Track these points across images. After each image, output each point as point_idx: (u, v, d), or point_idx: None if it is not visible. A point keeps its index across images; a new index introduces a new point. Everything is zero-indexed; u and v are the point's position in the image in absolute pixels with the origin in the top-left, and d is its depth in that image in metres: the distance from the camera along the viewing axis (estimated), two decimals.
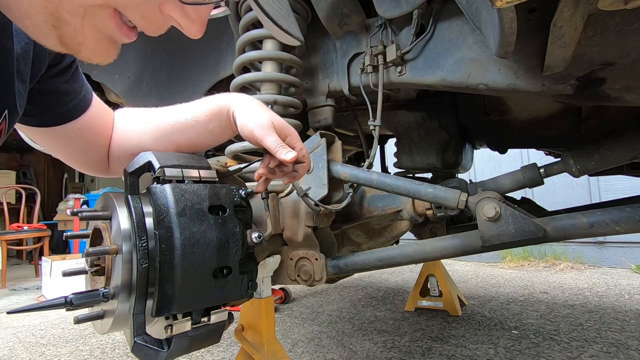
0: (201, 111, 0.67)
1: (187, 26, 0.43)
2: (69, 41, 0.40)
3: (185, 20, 0.42)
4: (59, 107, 0.61)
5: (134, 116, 0.73)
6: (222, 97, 0.67)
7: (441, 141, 1.42)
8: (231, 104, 0.65)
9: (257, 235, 0.63)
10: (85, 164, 0.72)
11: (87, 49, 0.41)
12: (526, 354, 1.48)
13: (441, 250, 0.86)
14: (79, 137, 0.66)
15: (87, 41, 0.40)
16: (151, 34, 0.44)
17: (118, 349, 1.81)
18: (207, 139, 0.69)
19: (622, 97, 0.69)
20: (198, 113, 0.67)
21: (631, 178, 1.42)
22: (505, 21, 0.54)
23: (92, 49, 0.41)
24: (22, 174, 7.25)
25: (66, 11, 0.38)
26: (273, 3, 0.46)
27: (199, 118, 0.66)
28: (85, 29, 0.39)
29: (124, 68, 1.41)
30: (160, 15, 0.42)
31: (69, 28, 0.39)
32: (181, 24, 0.43)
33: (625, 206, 0.71)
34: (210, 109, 0.66)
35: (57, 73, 0.59)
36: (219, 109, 0.66)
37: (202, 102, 0.68)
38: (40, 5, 0.37)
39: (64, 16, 0.38)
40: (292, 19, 0.54)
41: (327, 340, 1.74)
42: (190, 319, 0.57)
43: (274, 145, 0.61)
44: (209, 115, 0.66)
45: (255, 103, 0.66)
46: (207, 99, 0.69)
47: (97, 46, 0.41)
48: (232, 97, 0.67)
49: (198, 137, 0.68)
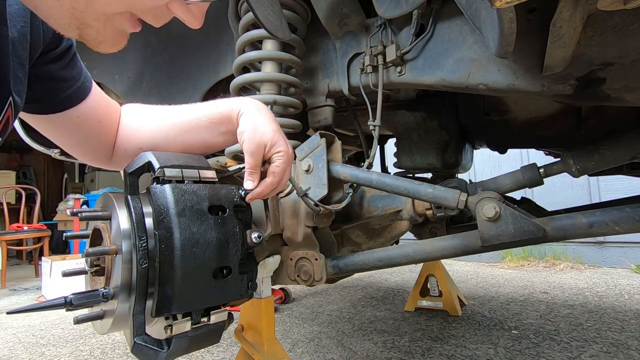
0: (214, 113, 0.67)
1: (190, 20, 0.47)
2: (89, 39, 0.44)
3: (189, 16, 0.47)
4: (57, 94, 0.61)
5: (146, 112, 0.73)
6: (235, 100, 0.68)
7: (441, 141, 1.42)
8: (240, 109, 0.66)
9: (256, 235, 0.63)
10: (87, 153, 0.72)
11: (105, 45, 0.46)
12: (526, 354, 1.48)
13: (441, 250, 0.86)
14: (79, 125, 0.66)
15: (106, 40, 0.45)
16: (157, 26, 0.48)
17: (118, 349, 1.81)
18: (218, 140, 0.70)
19: (621, 97, 0.69)
20: (212, 114, 0.68)
21: (631, 178, 1.42)
22: (505, 21, 0.54)
23: (109, 45, 0.46)
24: (22, 174, 7.24)
25: (91, 18, 0.42)
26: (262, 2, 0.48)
27: (213, 119, 0.67)
28: (106, 31, 0.44)
29: (124, 68, 1.41)
30: (168, 12, 0.46)
31: (91, 30, 0.43)
32: (185, 19, 0.47)
33: (625, 206, 0.71)
34: (222, 112, 0.67)
35: (53, 59, 0.59)
36: (230, 112, 0.67)
37: (215, 103, 0.69)
38: (67, 11, 0.40)
39: (88, 21, 0.42)
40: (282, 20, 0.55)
41: (327, 340, 1.74)
42: (190, 319, 0.57)
43: (247, 167, 0.65)
44: (222, 118, 0.67)
45: (262, 113, 0.67)
46: (221, 101, 0.69)
47: (113, 42, 0.46)
48: (243, 102, 0.68)
49: (211, 139, 0.69)
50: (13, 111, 0.52)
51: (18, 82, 0.52)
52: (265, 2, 0.48)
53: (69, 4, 0.40)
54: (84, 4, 0.40)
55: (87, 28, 0.42)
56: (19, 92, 0.52)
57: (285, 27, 0.55)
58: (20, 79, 0.52)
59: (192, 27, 0.49)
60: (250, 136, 0.63)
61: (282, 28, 0.53)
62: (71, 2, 0.40)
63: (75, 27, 0.42)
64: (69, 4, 0.40)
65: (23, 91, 0.54)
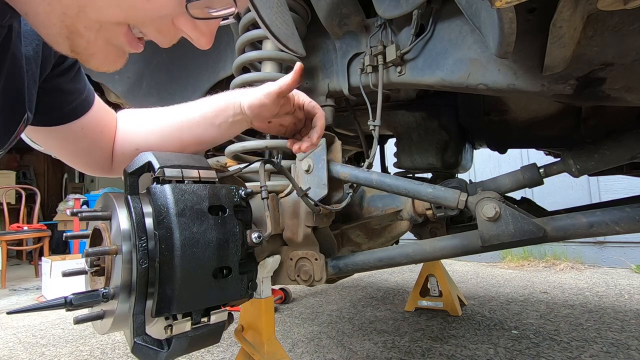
0: (207, 107, 0.68)
1: (197, 38, 0.45)
2: (80, 51, 0.42)
3: (196, 33, 0.45)
4: (62, 106, 0.62)
5: (140, 116, 0.74)
6: (231, 93, 0.69)
7: (441, 141, 1.42)
8: (241, 98, 0.67)
9: (257, 235, 0.63)
10: (89, 164, 0.73)
11: (96, 59, 0.43)
12: (526, 354, 1.48)
13: (441, 250, 0.86)
14: (82, 137, 0.66)
15: (98, 53, 0.43)
16: (164, 46, 0.46)
17: (118, 349, 1.81)
18: (212, 134, 0.69)
19: (621, 97, 0.69)
20: (204, 110, 0.68)
21: (631, 178, 1.42)
22: (505, 21, 0.54)
23: (101, 60, 0.44)
24: (22, 174, 7.24)
25: (82, 25, 0.39)
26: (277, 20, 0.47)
27: (206, 114, 0.67)
28: (98, 42, 0.41)
29: (123, 68, 1.39)
30: (173, 29, 0.44)
31: (82, 40, 0.40)
32: (192, 37, 0.45)
33: (625, 206, 0.71)
34: (217, 105, 0.67)
35: (60, 72, 0.60)
36: (226, 104, 0.67)
37: (209, 98, 0.69)
38: (57, 18, 0.38)
39: (79, 29, 0.40)
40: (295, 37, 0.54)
41: (327, 340, 1.74)
42: (190, 319, 0.57)
43: (285, 79, 0.61)
44: (216, 111, 0.67)
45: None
46: (216, 95, 0.70)
47: (106, 58, 0.44)
48: (241, 91, 0.68)
49: (204, 133, 0.69)
50: (24, 126, 0.52)
51: (31, 99, 0.52)
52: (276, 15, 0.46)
53: (60, 10, 0.38)
54: (76, 10, 0.38)
55: (78, 38, 0.40)
56: (31, 107, 0.53)
57: (297, 38, 0.54)
58: (33, 95, 0.53)
59: (201, 47, 0.46)
60: (262, 91, 0.63)
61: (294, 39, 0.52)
62: (62, 7, 0.38)
63: (66, 37, 0.40)
64: (60, 9, 0.38)
65: (33, 106, 0.54)
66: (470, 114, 1.39)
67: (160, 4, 0.41)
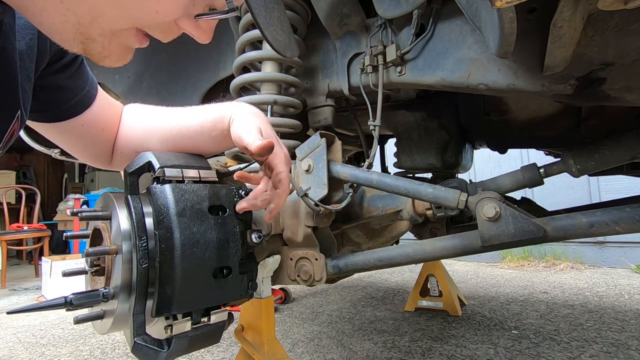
0: (206, 118, 0.67)
1: (199, 35, 0.48)
2: (94, 54, 0.44)
3: (198, 32, 0.47)
4: (62, 104, 0.61)
5: (142, 114, 0.73)
6: (226, 105, 0.68)
7: (441, 141, 1.42)
8: (232, 114, 0.65)
9: (257, 235, 0.63)
10: (91, 157, 0.73)
11: (110, 60, 0.45)
12: (526, 354, 1.48)
13: (441, 250, 0.86)
14: (84, 133, 0.66)
15: (112, 55, 0.45)
16: (165, 41, 0.48)
17: (118, 349, 1.81)
18: (209, 146, 0.69)
19: (622, 97, 0.69)
20: (203, 119, 0.67)
21: (631, 178, 1.42)
22: (505, 21, 0.54)
23: (114, 59, 0.46)
24: (22, 174, 7.24)
25: (96, 33, 0.41)
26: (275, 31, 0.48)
27: (204, 124, 0.67)
28: (112, 46, 0.44)
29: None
30: (176, 28, 0.46)
31: (96, 45, 0.42)
32: (193, 34, 0.47)
33: (625, 206, 0.71)
34: (214, 117, 0.66)
35: (59, 69, 0.59)
36: (221, 118, 0.66)
37: (207, 108, 0.69)
38: (72, 26, 0.40)
39: (93, 36, 0.41)
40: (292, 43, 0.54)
41: (327, 340, 1.74)
42: (190, 319, 0.57)
43: (252, 139, 0.58)
44: (213, 122, 0.66)
45: (256, 116, 0.66)
46: (213, 106, 0.69)
47: (118, 57, 0.46)
48: (234, 107, 0.67)
49: (203, 144, 0.68)
50: (19, 123, 0.52)
51: (24, 95, 0.52)
52: (274, 22, 0.47)
53: (75, 20, 0.39)
54: (89, 20, 0.40)
55: (92, 43, 0.42)
56: (25, 104, 0.53)
57: (294, 45, 0.55)
58: (27, 92, 0.53)
59: (201, 42, 0.49)
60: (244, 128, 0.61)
61: (291, 46, 0.53)
62: (77, 17, 0.39)
63: (80, 42, 0.41)
64: (74, 19, 0.39)
65: (28, 103, 0.54)
66: (471, 114, 1.39)
67: (168, 12, 0.43)
